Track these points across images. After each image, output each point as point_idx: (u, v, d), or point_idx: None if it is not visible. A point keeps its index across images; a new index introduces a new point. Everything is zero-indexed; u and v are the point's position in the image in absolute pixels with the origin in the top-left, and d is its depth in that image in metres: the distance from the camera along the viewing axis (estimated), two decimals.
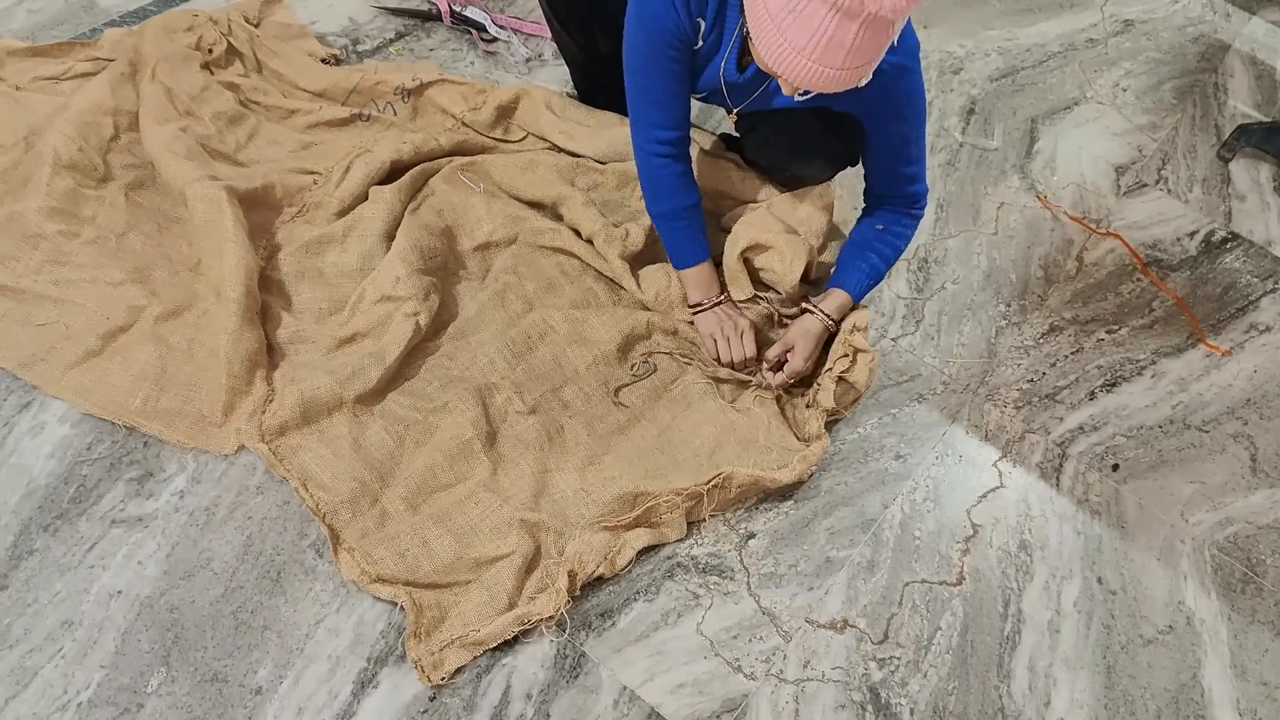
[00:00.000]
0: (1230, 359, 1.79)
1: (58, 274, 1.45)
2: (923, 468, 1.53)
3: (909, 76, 1.34)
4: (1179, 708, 1.34)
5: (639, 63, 1.36)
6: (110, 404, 1.36)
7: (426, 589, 1.26)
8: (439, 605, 1.25)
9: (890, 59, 1.22)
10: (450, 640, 1.22)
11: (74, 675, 1.16)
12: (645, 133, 1.43)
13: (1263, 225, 2.07)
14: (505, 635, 1.23)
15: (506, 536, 1.30)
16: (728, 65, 1.38)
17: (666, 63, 1.34)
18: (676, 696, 1.24)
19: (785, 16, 1.07)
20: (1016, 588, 1.42)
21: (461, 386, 1.44)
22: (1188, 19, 2.59)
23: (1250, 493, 1.60)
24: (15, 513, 1.27)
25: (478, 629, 1.22)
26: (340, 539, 1.28)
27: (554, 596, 1.25)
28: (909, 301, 1.77)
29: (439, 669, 1.20)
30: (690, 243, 1.52)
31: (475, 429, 1.39)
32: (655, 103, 1.40)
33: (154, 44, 1.75)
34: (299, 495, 1.31)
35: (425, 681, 1.19)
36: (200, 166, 1.57)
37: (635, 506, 1.35)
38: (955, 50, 2.31)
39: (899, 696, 1.29)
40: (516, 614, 1.23)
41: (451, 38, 2.07)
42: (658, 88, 1.38)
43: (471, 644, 1.22)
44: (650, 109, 1.41)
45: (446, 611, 1.24)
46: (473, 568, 1.28)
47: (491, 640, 1.22)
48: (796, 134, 1.51)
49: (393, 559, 1.27)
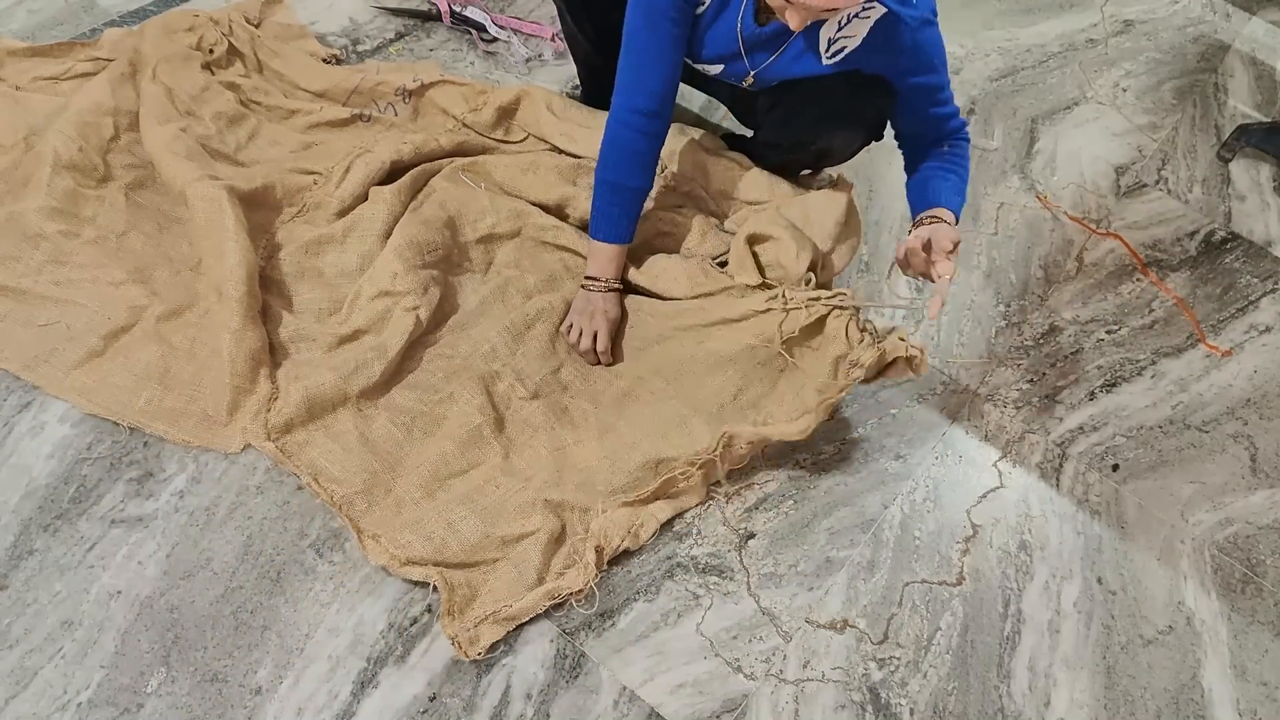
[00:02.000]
0: (1230, 359, 1.79)
1: (58, 274, 1.45)
2: (923, 468, 1.53)
3: (932, 28, 1.35)
4: (1179, 708, 1.34)
5: (638, 23, 1.36)
6: (114, 404, 1.36)
7: (456, 569, 1.28)
8: (469, 584, 1.27)
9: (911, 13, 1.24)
10: (484, 616, 1.24)
11: (74, 675, 1.16)
12: (624, 99, 1.42)
13: (1263, 225, 2.07)
14: (538, 609, 1.26)
15: (531, 516, 1.33)
16: (745, 20, 1.37)
17: (667, 25, 1.34)
18: (676, 696, 1.24)
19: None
20: (1016, 588, 1.42)
21: (465, 376, 1.46)
22: (1188, 19, 2.59)
23: (1250, 493, 1.60)
24: (15, 513, 1.27)
25: (509, 604, 1.25)
26: (361, 528, 1.30)
27: (583, 571, 1.29)
28: (909, 301, 1.77)
29: (475, 644, 1.23)
30: (619, 222, 1.49)
31: (483, 415, 1.41)
32: (641, 68, 1.39)
33: (154, 44, 1.75)
34: (312, 489, 1.32)
35: (463, 656, 1.21)
36: (200, 167, 1.57)
37: (658, 474, 1.38)
38: (955, 50, 2.31)
39: (899, 697, 1.29)
40: (547, 589, 1.26)
41: (451, 38, 2.07)
42: (650, 52, 1.37)
43: (504, 619, 1.25)
44: (634, 76, 1.40)
45: (477, 589, 1.27)
46: (500, 545, 1.31)
47: (524, 615, 1.25)
48: (825, 102, 1.47)
49: (420, 541, 1.29)
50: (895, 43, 1.32)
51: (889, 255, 1.83)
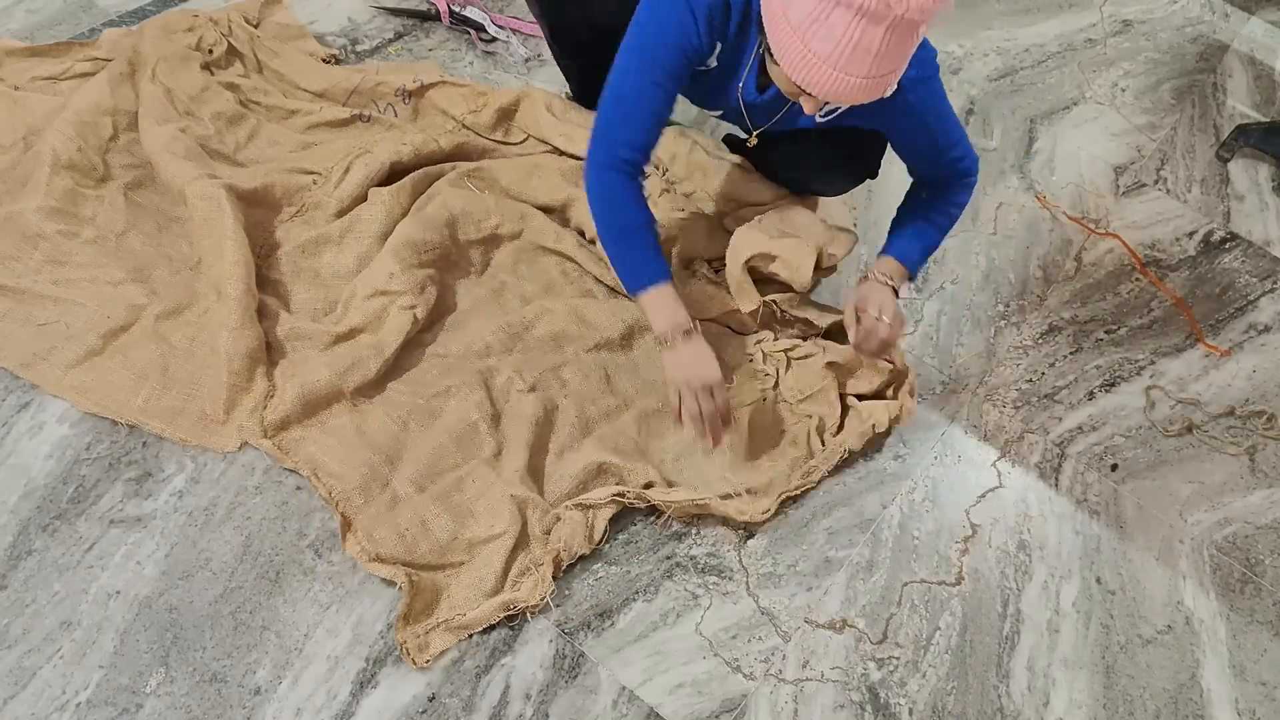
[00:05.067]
0: (1229, 359, 1.79)
1: (58, 274, 1.45)
2: (922, 468, 1.53)
3: (927, 85, 1.29)
4: (1178, 707, 1.34)
5: (633, 65, 1.26)
6: (112, 403, 1.36)
7: (424, 570, 1.28)
8: (435, 587, 1.26)
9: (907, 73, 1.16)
10: (437, 623, 1.23)
11: (73, 675, 1.15)
12: (606, 152, 1.30)
13: (1261, 225, 2.08)
14: (491, 620, 1.24)
15: (500, 514, 1.32)
16: (746, 86, 1.36)
17: (665, 80, 1.26)
18: (675, 696, 1.24)
19: (809, 26, 1.04)
20: (1015, 588, 1.42)
21: (461, 372, 1.46)
22: (1186, 19, 2.59)
23: (1249, 493, 1.60)
24: (14, 513, 1.27)
25: (464, 613, 1.24)
26: (352, 525, 1.30)
27: (538, 584, 1.27)
28: (908, 302, 1.77)
29: (424, 651, 1.21)
30: (651, 261, 1.34)
31: (480, 411, 1.41)
32: (628, 120, 1.29)
33: (153, 44, 1.75)
34: (312, 484, 1.32)
35: (410, 663, 1.20)
36: (199, 166, 1.57)
37: (601, 475, 1.39)
38: (954, 50, 2.31)
39: (898, 696, 1.29)
40: (502, 599, 1.25)
41: (451, 38, 2.07)
42: (641, 104, 1.28)
43: (457, 628, 1.23)
44: (624, 122, 1.29)
45: (440, 593, 1.26)
46: (467, 548, 1.31)
47: (476, 625, 1.24)
48: (821, 154, 1.50)
49: (393, 539, 1.28)
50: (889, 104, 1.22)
51: None
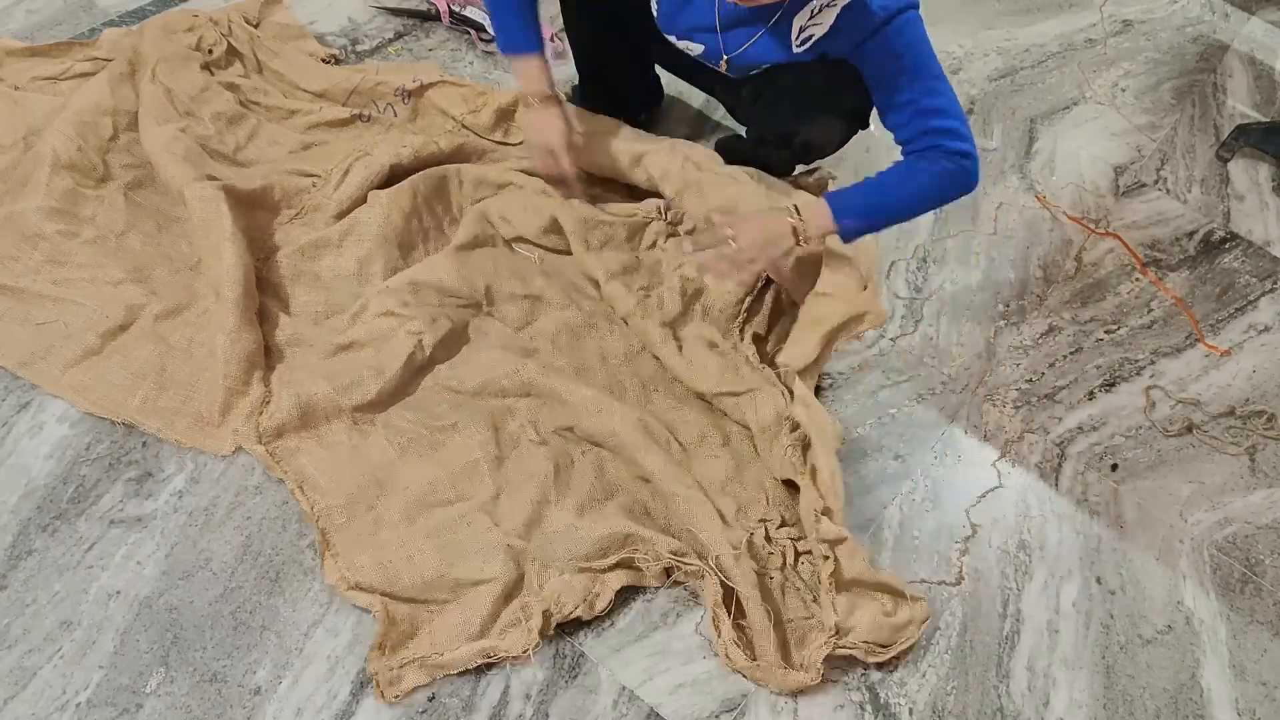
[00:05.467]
0: (1229, 359, 1.79)
1: (57, 274, 1.45)
2: (921, 468, 1.53)
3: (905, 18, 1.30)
4: (1178, 707, 1.34)
5: None
6: (109, 402, 1.36)
7: (402, 602, 1.24)
8: (412, 621, 1.23)
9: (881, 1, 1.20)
10: (413, 659, 1.20)
11: (73, 676, 1.15)
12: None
13: (1261, 225, 2.08)
14: (469, 664, 1.20)
15: (491, 561, 1.27)
16: None
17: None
18: (676, 696, 1.24)
19: None
20: (1015, 588, 1.42)
21: (471, 409, 1.42)
22: (1186, 19, 2.59)
23: (1249, 493, 1.60)
24: (14, 513, 1.27)
25: (442, 653, 1.20)
26: (330, 543, 1.27)
27: (525, 635, 1.22)
28: (908, 301, 1.77)
29: (395, 686, 1.18)
30: (527, 29, 1.46)
31: (483, 451, 1.37)
32: None
33: (153, 44, 1.75)
34: (295, 498, 1.31)
35: (379, 698, 1.17)
36: (199, 167, 1.57)
37: (624, 547, 1.30)
38: (954, 50, 2.31)
39: (897, 696, 1.29)
40: (485, 645, 1.21)
41: (450, 38, 2.07)
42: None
43: (433, 666, 1.20)
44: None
45: (418, 628, 1.23)
46: (452, 588, 1.26)
47: (453, 667, 1.20)
48: (802, 91, 1.48)
49: (374, 568, 1.25)
50: (859, 31, 1.26)
51: (888, 256, 1.83)
